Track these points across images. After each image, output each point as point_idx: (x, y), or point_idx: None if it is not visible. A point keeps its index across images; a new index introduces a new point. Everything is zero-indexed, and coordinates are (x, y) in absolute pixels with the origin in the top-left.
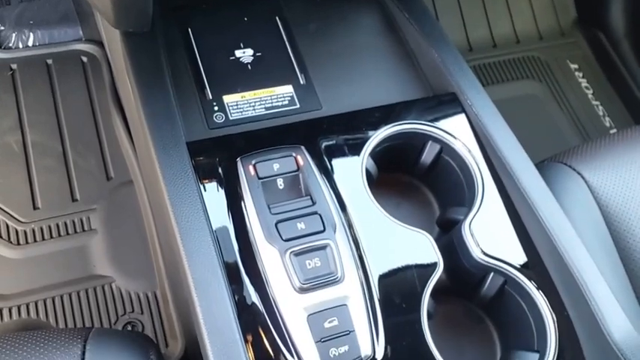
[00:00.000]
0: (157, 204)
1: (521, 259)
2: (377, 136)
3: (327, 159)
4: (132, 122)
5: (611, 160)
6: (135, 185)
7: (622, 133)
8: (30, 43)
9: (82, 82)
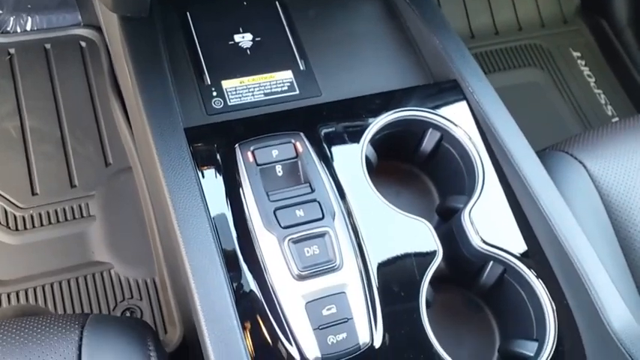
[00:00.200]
0: (155, 190)
1: (521, 247)
2: (377, 124)
3: (326, 146)
4: (130, 108)
5: (613, 148)
6: (133, 171)
7: (624, 122)
8: (28, 28)
9: (80, 67)
